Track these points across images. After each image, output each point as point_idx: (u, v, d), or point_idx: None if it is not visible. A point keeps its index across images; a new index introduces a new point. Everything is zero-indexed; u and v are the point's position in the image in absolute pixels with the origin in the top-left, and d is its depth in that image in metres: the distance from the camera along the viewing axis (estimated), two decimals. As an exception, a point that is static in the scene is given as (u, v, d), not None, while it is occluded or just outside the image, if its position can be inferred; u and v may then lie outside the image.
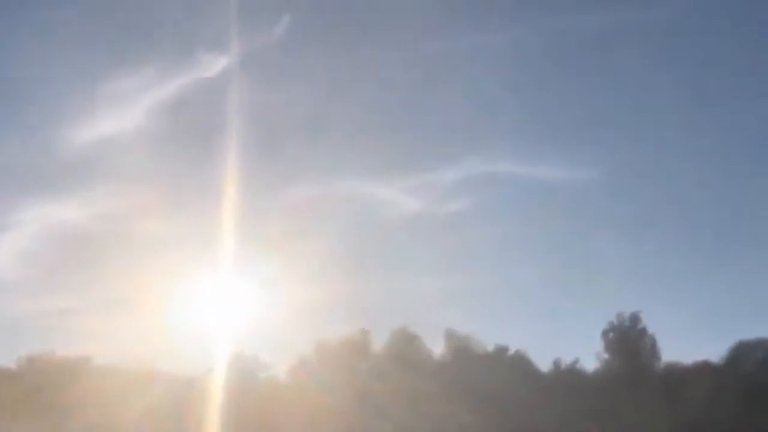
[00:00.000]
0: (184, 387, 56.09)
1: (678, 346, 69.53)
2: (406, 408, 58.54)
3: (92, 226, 75.75)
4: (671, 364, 66.02)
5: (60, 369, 62.28)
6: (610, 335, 66.58)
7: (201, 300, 63.13)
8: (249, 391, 57.98)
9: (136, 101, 75.37)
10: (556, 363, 67.62)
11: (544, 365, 67.86)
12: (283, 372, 66.76)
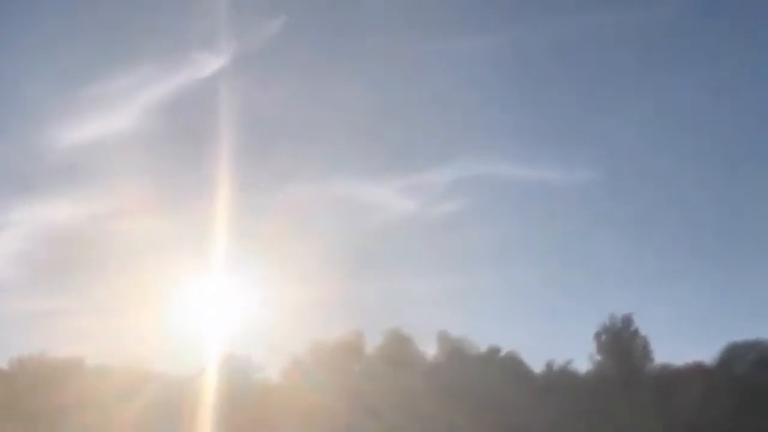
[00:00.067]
0: (178, 387, 55.91)
1: (670, 348, 69.82)
2: (400, 409, 58.59)
3: (85, 227, 75.56)
4: (664, 366, 66.18)
5: (52, 370, 62.04)
6: (603, 337, 66.69)
7: (194, 300, 63.25)
8: (242, 392, 57.92)
9: (130, 101, 75.35)
10: (549, 364, 67.68)
11: (537, 366, 68.04)
12: (277, 372, 66.76)
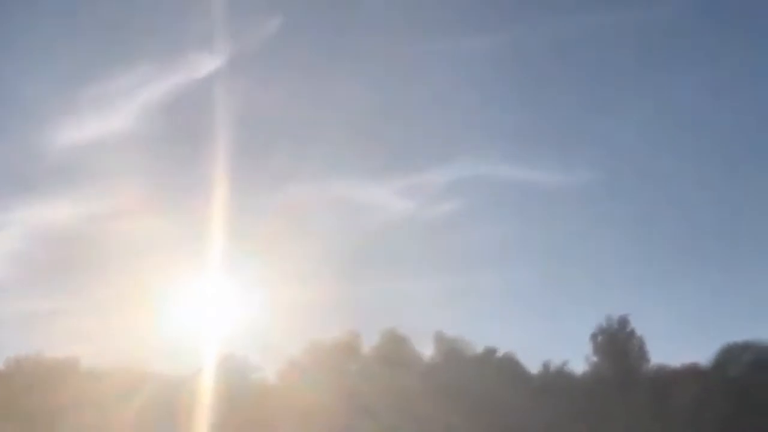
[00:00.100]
0: (175, 388, 55.85)
1: (666, 349, 70.01)
2: (396, 409, 58.63)
3: (81, 227, 75.40)
4: (660, 367, 66.32)
5: (49, 370, 61.98)
6: (599, 338, 66.81)
7: (191, 301, 63.16)
8: (239, 392, 57.92)
9: (127, 101, 75.34)
10: (546, 365, 67.76)
11: (534, 367, 68.13)
12: (273, 373, 66.76)
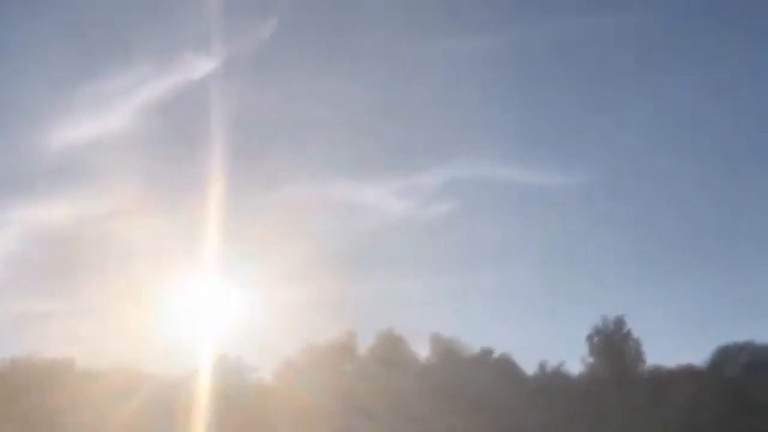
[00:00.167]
0: (171, 388, 55.76)
1: (662, 349, 70.06)
2: (392, 410, 58.61)
3: (77, 228, 74.98)
4: (656, 368, 66.41)
5: (44, 371, 61.78)
6: (595, 338, 66.91)
7: (187, 301, 63.09)
8: (236, 393, 57.84)
9: (123, 102, 75.03)
10: (542, 366, 67.85)
11: (530, 368, 68.21)
12: (270, 374, 66.71)
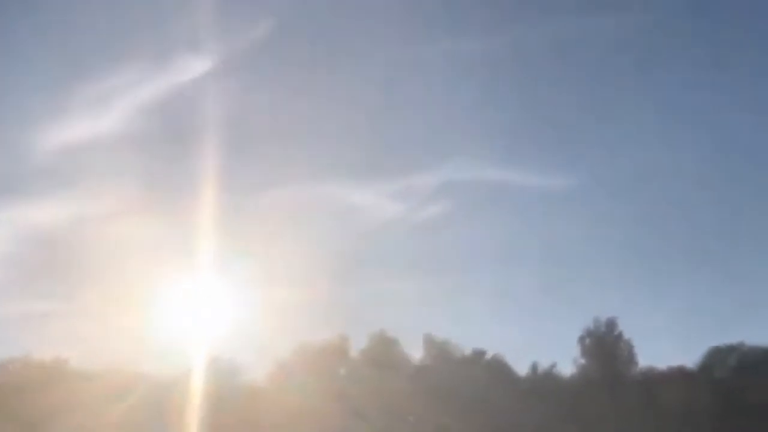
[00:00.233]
0: (164, 389, 55.76)
1: (654, 351, 70.38)
2: (385, 411, 58.73)
3: (70, 229, 74.98)
4: (647, 369, 66.71)
5: (38, 372, 61.76)
6: (587, 340, 67.26)
7: (181, 302, 62.95)
8: (228, 394, 57.84)
9: (116, 103, 75.08)
10: (534, 367, 68.15)
11: (522, 369, 68.45)
12: (263, 375, 66.74)
